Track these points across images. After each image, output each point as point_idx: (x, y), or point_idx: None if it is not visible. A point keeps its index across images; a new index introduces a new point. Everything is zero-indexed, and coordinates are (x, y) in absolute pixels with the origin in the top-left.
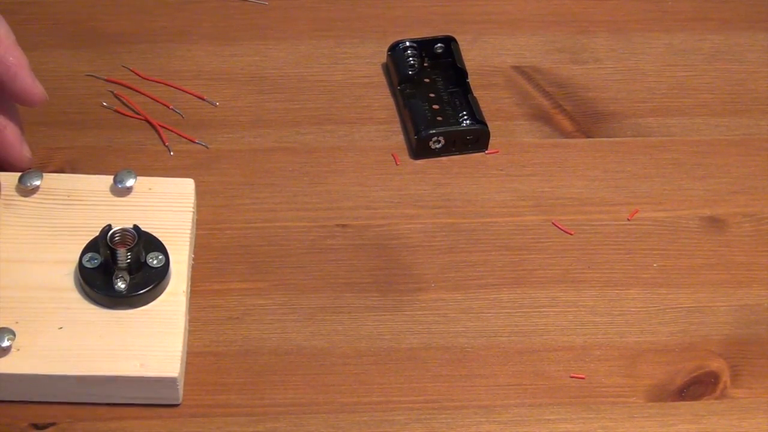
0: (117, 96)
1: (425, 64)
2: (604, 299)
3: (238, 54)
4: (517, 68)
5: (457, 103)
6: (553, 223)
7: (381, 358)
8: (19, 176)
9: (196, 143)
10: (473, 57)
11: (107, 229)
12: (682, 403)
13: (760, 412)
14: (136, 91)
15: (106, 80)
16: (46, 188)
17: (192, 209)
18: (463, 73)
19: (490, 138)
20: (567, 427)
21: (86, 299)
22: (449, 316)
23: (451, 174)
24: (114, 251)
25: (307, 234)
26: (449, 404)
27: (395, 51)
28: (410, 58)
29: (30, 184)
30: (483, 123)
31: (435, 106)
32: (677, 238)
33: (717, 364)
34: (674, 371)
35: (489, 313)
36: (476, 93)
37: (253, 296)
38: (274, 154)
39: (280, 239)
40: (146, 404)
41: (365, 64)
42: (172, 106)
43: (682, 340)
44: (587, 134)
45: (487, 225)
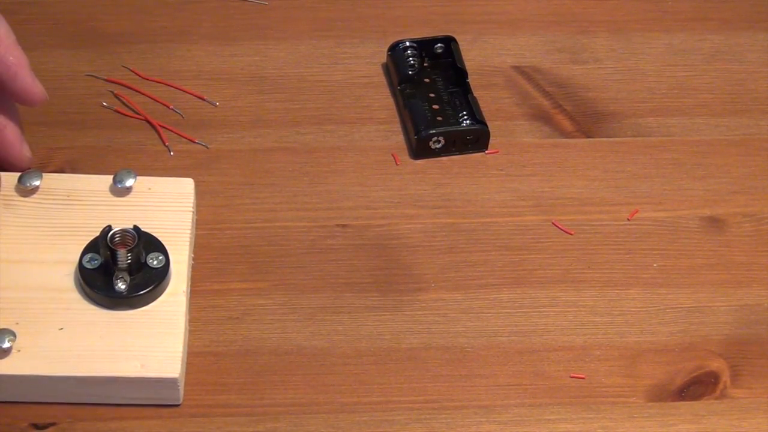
0: (117, 96)
1: (425, 64)
2: (604, 299)
3: (238, 54)
4: (517, 68)
5: (457, 103)
6: (553, 223)
7: (381, 358)
8: (19, 176)
9: (196, 143)
10: (473, 57)
11: (107, 229)
12: (682, 403)
13: (760, 412)
14: (136, 91)
15: (106, 80)
16: (45, 188)
17: (192, 209)
18: (463, 73)
19: (490, 138)
20: (567, 427)
21: (86, 300)
22: (449, 316)
23: (451, 174)
24: (114, 252)
25: (307, 234)
26: (449, 404)
27: (395, 51)
28: (410, 58)
29: (30, 184)
30: (483, 123)
31: (435, 106)
32: (677, 238)
33: (717, 364)
34: (674, 371)
35: (489, 313)
36: (476, 93)
37: (253, 296)
38: (274, 154)
39: (280, 239)
40: (146, 404)
41: (365, 64)
42: (172, 106)
43: (682, 340)
44: (587, 134)
45: (487, 225)
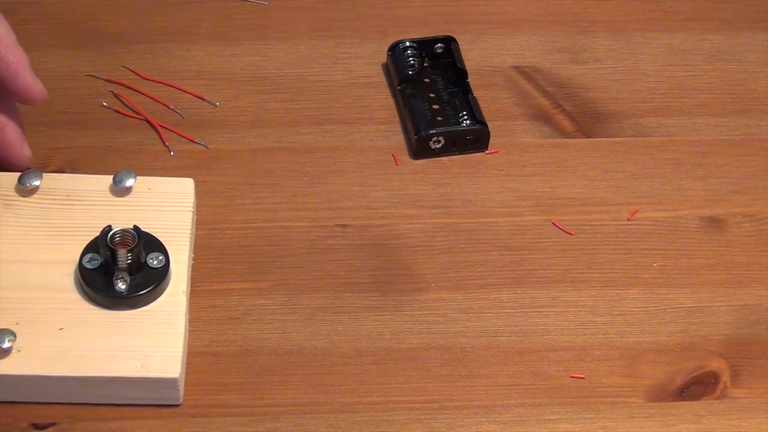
0: (117, 96)
1: (425, 64)
2: (604, 299)
3: (238, 54)
4: (517, 68)
5: (457, 103)
6: (553, 223)
7: (381, 358)
8: (19, 176)
9: (196, 143)
10: (473, 57)
11: (107, 229)
12: (682, 403)
13: (760, 412)
14: (136, 91)
15: (106, 80)
16: (45, 188)
17: (192, 209)
18: (463, 73)
19: (490, 138)
20: (567, 427)
21: (86, 300)
22: (449, 316)
23: (451, 174)
24: (114, 252)
25: (307, 234)
26: (449, 404)
27: (395, 51)
28: (410, 58)
29: (30, 184)
30: (483, 123)
31: (435, 106)
32: (677, 238)
33: (717, 364)
34: (674, 371)
35: (489, 313)
36: (476, 93)
37: (253, 296)
38: (274, 154)
39: (280, 239)
40: (146, 404)
41: (365, 64)
42: (172, 106)
43: (682, 340)
44: (587, 134)
45: (487, 225)
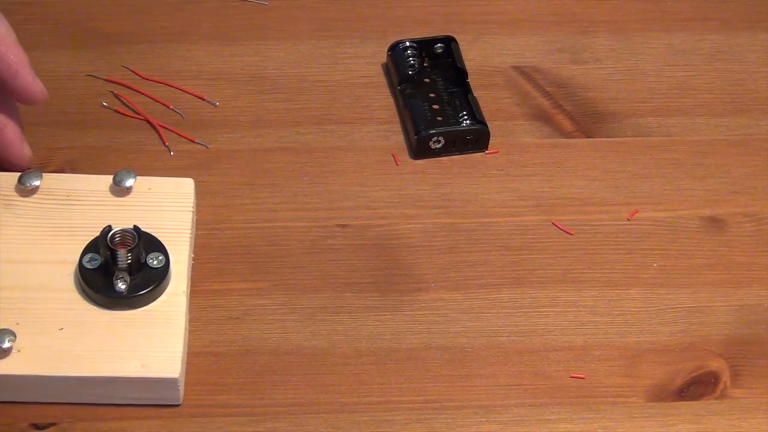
0: (117, 96)
1: (425, 64)
2: (604, 299)
3: (238, 54)
4: (517, 68)
5: (457, 103)
6: (553, 223)
7: (381, 358)
8: (19, 176)
9: (196, 143)
10: (473, 57)
11: (107, 229)
12: (682, 403)
13: (760, 412)
14: (136, 91)
15: (106, 80)
16: (45, 188)
17: (192, 209)
18: (463, 73)
19: (490, 138)
20: (567, 427)
21: (87, 300)
22: (449, 316)
23: (451, 174)
24: (114, 252)
25: (307, 234)
26: (449, 404)
27: (395, 51)
28: (410, 58)
29: (30, 184)
30: (483, 123)
31: (435, 106)
32: (677, 238)
33: (717, 364)
34: (674, 371)
35: (489, 313)
36: (476, 93)
37: (253, 296)
38: (274, 154)
39: (280, 239)
40: (146, 404)
41: (365, 64)
42: (172, 106)
43: (682, 340)
44: (587, 134)
45: (487, 225)
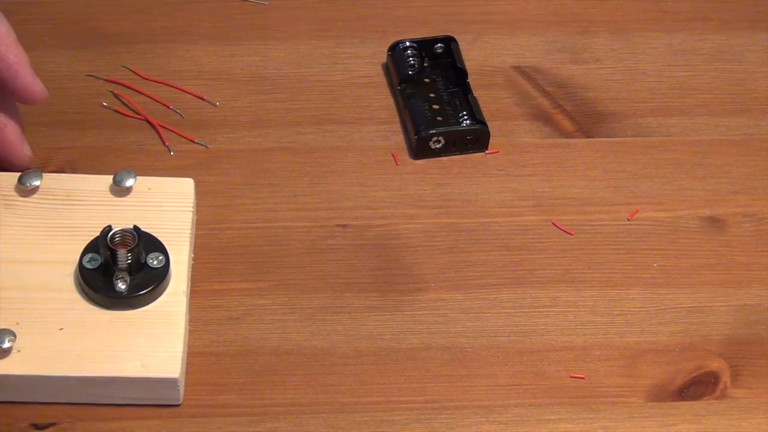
0: (117, 96)
1: (425, 64)
2: (604, 299)
3: (238, 54)
4: (517, 68)
5: (457, 103)
6: (553, 223)
7: (381, 358)
8: (19, 176)
9: (196, 143)
10: (473, 57)
11: (107, 229)
12: (682, 403)
13: (760, 412)
14: (136, 91)
15: (106, 80)
16: (45, 188)
17: (192, 209)
18: (463, 73)
19: (490, 138)
20: (567, 427)
21: (87, 300)
22: (449, 316)
23: (451, 174)
24: (114, 252)
25: (307, 234)
26: (449, 404)
27: (395, 51)
28: (410, 58)
29: (30, 184)
30: (483, 123)
31: (435, 106)
32: (677, 238)
33: (717, 364)
34: (674, 371)
35: (489, 313)
36: (476, 93)
37: (253, 296)
38: (274, 154)
39: (280, 239)
40: (147, 404)
41: (365, 64)
42: (172, 106)
43: (682, 340)
44: (587, 134)
45: (487, 225)
